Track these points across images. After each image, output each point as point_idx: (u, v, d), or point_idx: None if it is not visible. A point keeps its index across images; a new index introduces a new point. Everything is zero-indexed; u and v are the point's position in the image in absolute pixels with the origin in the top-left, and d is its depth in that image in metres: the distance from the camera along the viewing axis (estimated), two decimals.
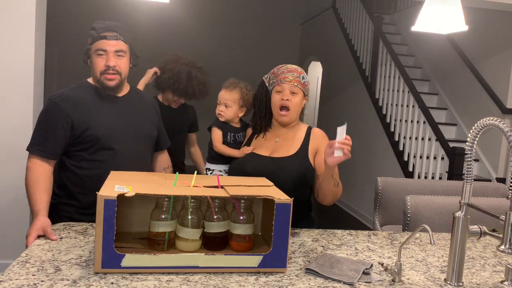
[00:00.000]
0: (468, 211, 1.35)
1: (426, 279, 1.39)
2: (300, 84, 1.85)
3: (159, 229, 1.33)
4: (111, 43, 1.81)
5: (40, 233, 1.51)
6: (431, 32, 2.64)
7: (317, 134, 1.90)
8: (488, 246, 1.79)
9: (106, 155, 1.82)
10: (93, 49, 1.83)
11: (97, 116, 1.82)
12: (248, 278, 1.28)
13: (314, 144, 1.86)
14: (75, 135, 1.79)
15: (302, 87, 1.86)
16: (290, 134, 1.90)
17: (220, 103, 2.02)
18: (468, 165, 1.32)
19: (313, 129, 1.92)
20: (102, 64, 1.81)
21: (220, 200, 1.37)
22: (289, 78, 1.84)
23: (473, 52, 5.30)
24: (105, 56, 1.81)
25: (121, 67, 1.84)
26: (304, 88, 1.87)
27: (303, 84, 1.86)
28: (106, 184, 1.34)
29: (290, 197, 1.32)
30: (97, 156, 1.81)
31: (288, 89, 1.84)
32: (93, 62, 1.83)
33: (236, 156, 1.94)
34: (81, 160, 1.82)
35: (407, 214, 2.36)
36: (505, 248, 1.25)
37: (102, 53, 1.81)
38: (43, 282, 1.16)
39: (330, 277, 1.31)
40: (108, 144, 1.81)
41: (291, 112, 1.85)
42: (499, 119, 1.25)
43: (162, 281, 1.21)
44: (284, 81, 1.84)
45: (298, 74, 1.85)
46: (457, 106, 5.58)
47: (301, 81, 1.85)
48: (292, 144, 1.87)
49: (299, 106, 1.88)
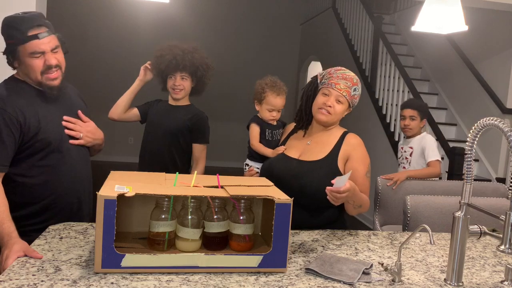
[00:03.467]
0: (468, 211, 1.35)
1: (426, 279, 1.39)
2: (349, 95, 1.81)
3: (159, 229, 1.33)
4: (45, 41, 1.63)
5: (21, 255, 1.32)
6: (431, 32, 2.64)
7: (350, 141, 1.84)
8: (488, 246, 1.79)
9: (55, 158, 1.69)
10: (22, 51, 1.61)
11: (46, 118, 1.67)
12: (248, 278, 1.28)
13: (345, 150, 1.81)
14: (23, 141, 1.62)
15: (349, 99, 1.82)
16: (323, 137, 1.86)
17: (274, 109, 2.05)
18: (468, 165, 1.32)
19: (348, 134, 1.86)
20: (41, 64, 1.64)
21: (220, 200, 1.36)
22: (340, 85, 1.80)
23: (473, 52, 5.30)
24: (42, 57, 1.64)
25: (60, 61, 1.70)
26: (351, 100, 1.83)
27: (352, 96, 1.82)
28: (106, 184, 1.34)
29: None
30: (46, 161, 1.67)
31: (335, 96, 1.80)
32: (28, 65, 1.64)
33: (269, 155, 1.95)
34: (27, 167, 1.65)
35: (407, 214, 2.36)
36: (505, 248, 1.25)
37: (38, 54, 1.63)
38: (43, 282, 1.16)
39: (330, 277, 1.31)
40: (58, 147, 1.69)
41: (331, 116, 1.82)
42: (499, 119, 1.25)
43: (162, 281, 1.21)
44: (335, 87, 1.80)
45: (352, 85, 1.81)
46: (457, 106, 5.58)
47: (351, 93, 1.82)
48: (323, 149, 1.83)
49: (341, 115, 1.84)
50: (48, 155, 1.68)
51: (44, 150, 1.67)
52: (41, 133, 1.64)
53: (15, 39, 1.60)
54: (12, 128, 1.59)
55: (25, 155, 1.64)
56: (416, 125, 3.19)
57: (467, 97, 5.34)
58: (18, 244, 1.38)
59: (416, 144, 3.19)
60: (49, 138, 1.66)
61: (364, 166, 1.80)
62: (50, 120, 1.68)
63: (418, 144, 3.18)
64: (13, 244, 1.38)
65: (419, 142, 3.18)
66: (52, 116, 1.70)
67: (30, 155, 1.65)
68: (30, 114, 1.63)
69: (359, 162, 1.80)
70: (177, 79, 2.45)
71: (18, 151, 1.63)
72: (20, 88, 1.69)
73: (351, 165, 1.79)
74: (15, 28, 1.60)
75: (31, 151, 1.65)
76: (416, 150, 3.17)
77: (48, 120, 1.67)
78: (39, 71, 1.65)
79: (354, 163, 1.79)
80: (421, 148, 3.15)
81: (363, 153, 1.83)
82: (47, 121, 1.67)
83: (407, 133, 3.26)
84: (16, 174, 1.64)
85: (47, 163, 1.68)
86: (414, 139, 3.22)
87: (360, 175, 1.78)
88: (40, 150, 1.66)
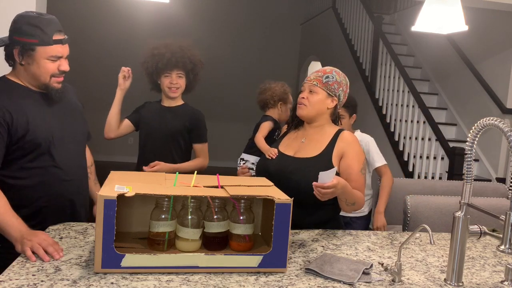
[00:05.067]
0: (468, 211, 1.35)
1: (426, 279, 1.39)
2: (320, 83, 1.84)
3: (159, 229, 1.33)
4: (66, 47, 1.68)
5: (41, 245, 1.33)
6: (431, 32, 2.64)
7: (345, 138, 1.84)
8: (488, 246, 1.79)
9: (46, 160, 1.67)
10: (42, 52, 1.63)
11: (35, 120, 1.65)
12: (248, 278, 1.28)
13: (340, 147, 1.82)
14: (12, 142, 1.60)
15: (322, 86, 1.85)
16: (317, 135, 1.88)
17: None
18: (468, 165, 1.32)
19: (342, 132, 1.87)
20: (55, 68, 1.66)
21: (220, 200, 1.36)
22: (310, 77, 1.88)
23: (473, 52, 5.29)
24: (57, 61, 1.67)
25: (67, 68, 1.72)
26: (326, 87, 1.85)
27: (324, 83, 1.85)
28: (106, 184, 1.34)
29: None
30: (36, 163, 1.65)
31: (308, 88, 1.87)
32: (41, 66, 1.64)
33: (264, 150, 2.02)
34: (17, 169, 1.63)
35: (407, 214, 2.36)
36: (505, 248, 1.25)
37: (55, 59, 1.66)
38: (43, 282, 1.16)
39: (330, 277, 1.31)
40: (48, 149, 1.66)
41: (308, 108, 1.85)
42: (499, 119, 1.25)
43: (162, 281, 1.21)
44: (306, 81, 1.89)
45: (322, 74, 1.86)
46: (457, 106, 5.58)
47: (323, 80, 1.85)
48: (317, 146, 1.85)
49: (319, 104, 1.85)
50: (38, 157, 1.65)
51: (34, 152, 1.64)
52: (29, 135, 1.62)
53: (38, 39, 1.61)
54: (0, 129, 1.57)
55: (15, 157, 1.63)
56: (346, 124, 2.75)
57: (467, 97, 5.34)
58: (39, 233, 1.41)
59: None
60: (38, 139, 1.64)
61: (359, 163, 1.81)
62: (40, 122, 1.66)
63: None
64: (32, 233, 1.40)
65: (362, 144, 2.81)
66: (43, 118, 1.68)
67: (20, 157, 1.63)
68: (18, 115, 1.61)
69: (354, 159, 1.81)
70: (173, 77, 2.42)
71: (7, 153, 1.61)
72: (10, 89, 1.67)
73: (346, 162, 1.80)
74: (39, 28, 1.61)
75: (20, 152, 1.63)
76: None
77: (38, 122, 1.65)
78: (49, 74, 1.66)
79: (349, 160, 1.80)
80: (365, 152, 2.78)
81: (358, 150, 1.84)
82: (36, 123, 1.64)
83: None
84: (7, 176, 1.62)
85: (37, 164, 1.66)
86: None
87: (354, 172, 1.79)
88: (29, 152, 1.64)
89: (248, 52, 8.83)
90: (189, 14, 8.13)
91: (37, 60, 1.64)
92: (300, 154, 1.85)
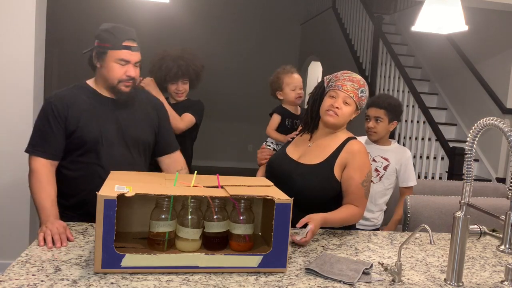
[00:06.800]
0: (468, 211, 1.35)
1: (426, 279, 1.39)
2: (356, 97, 1.81)
3: (159, 229, 1.33)
4: (134, 54, 1.83)
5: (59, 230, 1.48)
6: (431, 32, 2.64)
7: (350, 148, 1.80)
8: (488, 246, 1.79)
9: (91, 158, 1.82)
10: (112, 55, 1.81)
11: (87, 119, 1.81)
12: (248, 278, 1.28)
13: (343, 157, 1.79)
14: (66, 135, 1.80)
15: (357, 100, 1.81)
16: (325, 141, 1.85)
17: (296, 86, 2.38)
18: (468, 165, 1.32)
19: (350, 141, 1.83)
20: (122, 72, 1.82)
21: (220, 200, 1.36)
22: (347, 87, 1.80)
23: (473, 52, 5.30)
24: (126, 66, 1.82)
25: (137, 75, 1.88)
26: (358, 102, 1.82)
27: (359, 97, 1.82)
28: (106, 184, 1.34)
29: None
30: (83, 158, 1.82)
31: (342, 98, 1.80)
32: (110, 69, 1.81)
33: (280, 140, 2.08)
34: (70, 161, 1.83)
35: (407, 214, 2.36)
36: (505, 248, 1.25)
37: (124, 63, 1.81)
38: (43, 282, 1.16)
39: (330, 277, 1.31)
40: (95, 148, 1.81)
41: (339, 118, 1.81)
42: (499, 119, 1.25)
43: (162, 281, 1.21)
44: (342, 89, 1.80)
45: (358, 87, 1.81)
46: (457, 106, 5.58)
47: (358, 95, 1.81)
48: (321, 153, 1.82)
49: (348, 117, 1.83)
50: (85, 153, 1.82)
51: (82, 148, 1.81)
52: (77, 132, 1.79)
53: (110, 43, 1.79)
54: (59, 120, 1.78)
55: (69, 150, 1.82)
56: (382, 128, 2.57)
57: (467, 97, 5.34)
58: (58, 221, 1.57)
59: (393, 157, 2.59)
60: (85, 137, 1.80)
61: (361, 175, 1.77)
62: (90, 123, 1.81)
63: (396, 158, 2.59)
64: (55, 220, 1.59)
65: (399, 156, 2.60)
66: (96, 120, 1.82)
67: (71, 150, 1.82)
68: (73, 112, 1.80)
69: (356, 170, 1.77)
70: (179, 84, 2.69)
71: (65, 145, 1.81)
72: (79, 89, 1.87)
73: (348, 173, 1.77)
74: (112, 34, 1.80)
75: (72, 146, 1.81)
76: (393, 165, 2.58)
77: (89, 122, 1.81)
78: (117, 78, 1.82)
79: (351, 171, 1.77)
80: (400, 165, 2.60)
81: (362, 161, 1.79)
82: (87, 122, 1.80)
83: (372, 137, 2.62)
84: (63, 166, 1.83)
85: (83, 160, 1.82)
86: (389, 150, 2.61)
87: (354, 184, 1.76)
88: (78, 148, 1.81)
89: (248, 52, 8.83)
90: (189, 14, 8.13)
91: (107, 62, 1.81)
92: (304, 160, 1.84)
